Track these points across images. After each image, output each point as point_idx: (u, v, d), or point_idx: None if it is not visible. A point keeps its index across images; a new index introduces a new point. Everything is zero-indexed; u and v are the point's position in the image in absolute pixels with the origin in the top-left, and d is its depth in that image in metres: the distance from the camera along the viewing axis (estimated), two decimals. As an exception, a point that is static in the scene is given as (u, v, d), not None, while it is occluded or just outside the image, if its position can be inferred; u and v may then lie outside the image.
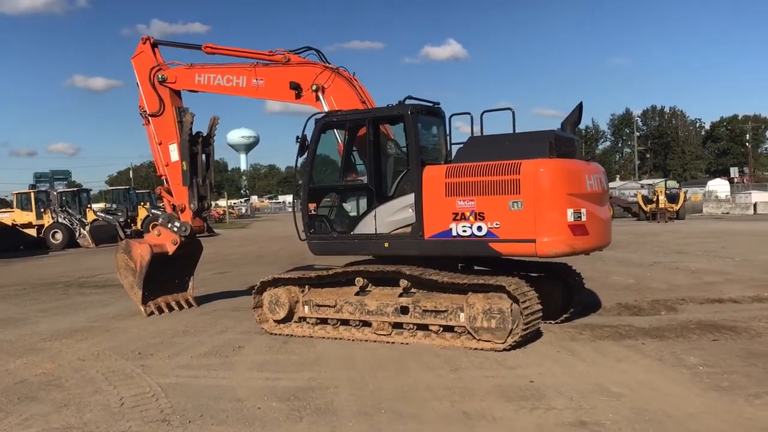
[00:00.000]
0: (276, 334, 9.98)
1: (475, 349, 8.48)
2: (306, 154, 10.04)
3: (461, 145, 9.59)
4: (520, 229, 8.46)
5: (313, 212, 10.19)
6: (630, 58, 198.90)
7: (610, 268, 16.55)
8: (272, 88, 11.37)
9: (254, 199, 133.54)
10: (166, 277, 12.73)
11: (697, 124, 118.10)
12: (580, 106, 9.75)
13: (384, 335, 9.26)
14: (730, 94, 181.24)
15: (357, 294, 9.62)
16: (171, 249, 12.40)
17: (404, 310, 9.09)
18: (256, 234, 44.25)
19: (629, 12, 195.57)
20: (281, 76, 11.17)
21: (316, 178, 10.39)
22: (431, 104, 10.10)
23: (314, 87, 10.67)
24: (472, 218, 8.75)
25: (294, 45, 11.54)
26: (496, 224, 8.58)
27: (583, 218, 8.52)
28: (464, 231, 8.81)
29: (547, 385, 6.94)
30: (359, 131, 9.96)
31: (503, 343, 8.38)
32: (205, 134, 12.74)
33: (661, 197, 39.33)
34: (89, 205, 39.68)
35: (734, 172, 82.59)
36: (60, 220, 35.27)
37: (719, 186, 66.92)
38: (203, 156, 12.77)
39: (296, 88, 10.85)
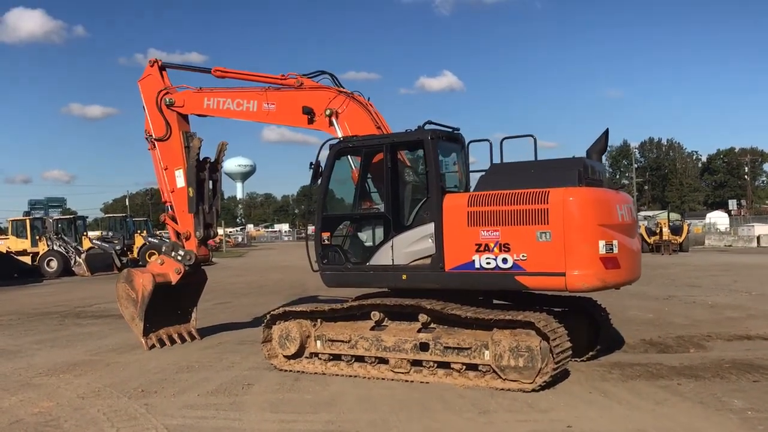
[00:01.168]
0: (286, 371, 9.45)
1: (501, 389, 7.96)
2: (320, 181, 9.62)
3: (482, 173, 9.19)
4: (548, 262, 7.99)
5: (326, 242, 9.70)
6: (624, 89, 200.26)
7: (624, 301, 16.02)
8: (284, 113, 10.99)
9: (250, 227, 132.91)
10: (168, 307, 12.21)
11: (694, 157, 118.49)
12: (606, 134, 9.34)
13: (402, 373, 8.74)
14: (725, 127, 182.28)
15: (373, 329, 9.12)
16: (174, 278, 11.92)
17: (424, 347, 8.58)
18: (253, 263, 43.68)
19: (622, 44, 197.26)
20: (294, 100, 10.81)
21: (330, 207, 9.97)
22: (451, 130, 9.72)
23: (328, 112, 10.32)
24: (496, 249, 8.28)
25: (292, 73, 11.06)
26: (523, 256, 8.12)
27: (615, 250, 8.06)
28: (488, 263, 8.33)
29: (585, 430, 6.43)
30: (376, 157, 9.54)
31: (531, 383, 7.87)
32: (212, 160, 12.34)
33: (665, 229, 38.97)
34: (85, 233, 39.05)
35: (733, 204, 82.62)
36: (55, 247, 34.72)
37: (719, 218, 66.69)
38: (210, 182, 12.33)
39: (309, 113, 10.49)
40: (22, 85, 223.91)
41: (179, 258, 11.94)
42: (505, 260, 8.22)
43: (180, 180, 12.02)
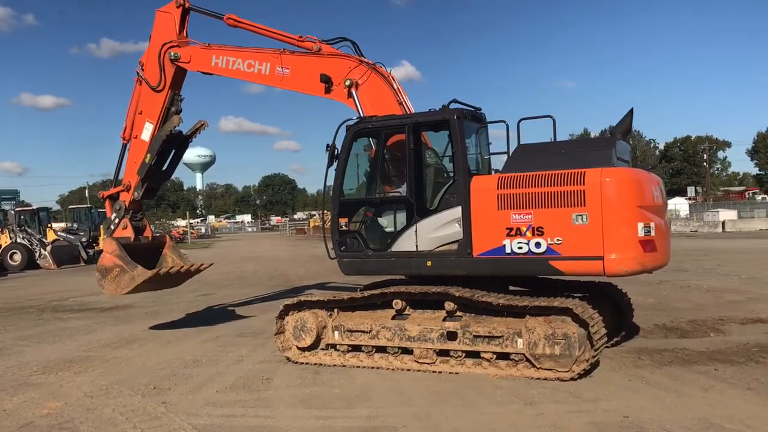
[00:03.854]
0: (302, 363, 9.02)
1: (536, 378, 7.67)
2: (336, 164, 9.14)
3: (507, 155, 8.86)
4: (585, 246, 7.67)
5: (344, 228, 9.21)
6: (577, 80, 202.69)
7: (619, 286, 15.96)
8: (299, 79, 10.45)
9: (211, 218, 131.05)
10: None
11: (652, 145, 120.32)
12: (630, 113, 9.07)
13: (428, 364, 8.38)
14: (682, 116, 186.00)
15: (394, 318, 8.74)
16: (129, 233, 12.03)
17: (452, 336, 8.24)
18: (223, 254, 42.80)
19: (577, 34, 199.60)
20: (311, 66, 10.24)
21: (348, 191, 9.45)
22: (474, 109, 9.33)
23: (348, 82, 9.80)
24: (529, 233, 7.94)
25: (311, 36, 10.56)
26: (558, 240, 7.80)
27: (653, 232, 7.78)
28: (520, 248, 7.99)
29: (645, 420, 6.16)
30: (396, 139, 9.12)
31: (568, 371, 7.59)
32: (185, 134, 12.21)
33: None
34: (49, 225, 37.76)
35: (691, 191, 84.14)
36: (18, 240, 33.46)
37: (680, 205, 67.86)
38: (173, 152, 12.43)
39: (327, 81, 9.96)
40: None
41: (115, 218, 12.10)
42: (538, 244, 7.89)
43: (146, 134, 11.86)
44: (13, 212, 36.56)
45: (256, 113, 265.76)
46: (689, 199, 78.79)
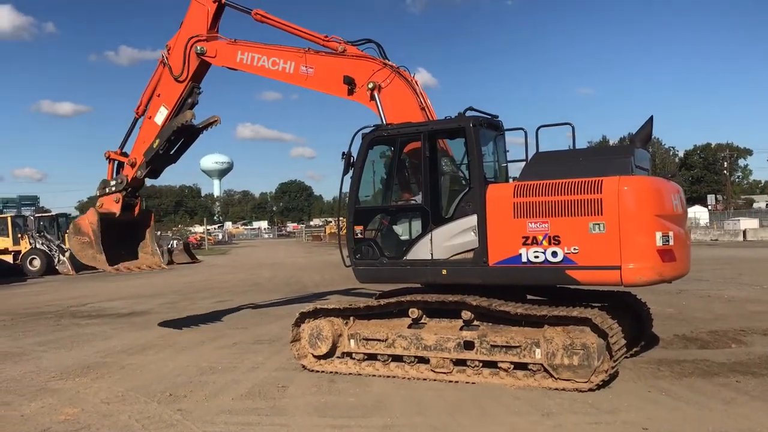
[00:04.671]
0: (317, 371, 8.98)
1: (554, 389, 7.58)
2: (352, 171, 9.13)
3: (524, 163, 8.79)
4: (602, 255, 7.57)
5: (360, 236, 9.21)
6: (595, 87, 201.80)
7: (638, 296, 15.79)
8: (323, 79, 10.45)
9: (228, 225, 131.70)
10: (122, 247, 12.46)
11: (671, 152, 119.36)
12: (650, 121, 8.96)
13: (444, 373, 8.32)
14: (701, 123, 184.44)
15: (410, 327, 8.69)
16: (116, 208, 12.19)
17: (469, 346, 8.17)
18: (239, 260, 43.01)
19: (594, 42, 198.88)
20: (335, 67, 10.26)
21: (364, 199, 9.44)
22: (490, 116, 9.29)
23: (371, 85, 9.77)
24: (545, 242, 7.86)
25: (336, 36, 10.61)
26: (574, 249, 7.71)
27: (671, 242, 7.64)
28: (536, 257, 7.91)
29: (665, 433, 6.07)
30: (412, 146, 9.09)
31: (587, 382, 7.50)
32: (197, 126, 12.27)
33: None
34: (68, 231, 38.05)
35: (711, 199, 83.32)
36: (38, 246, 33.73)
37: (700, 213, 67.16)
38: (181, 141, 12.55)
39: (350, 83, 9.95)
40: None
41: (113, 189, 12.21)
42: (554, 254, 7.81)
43: (160, 117, 12.09)
44: (32, 218, 36.92)
45: (272, 120, 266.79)
46: (707, 207, 77.96)
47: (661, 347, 9.90)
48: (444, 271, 8.61)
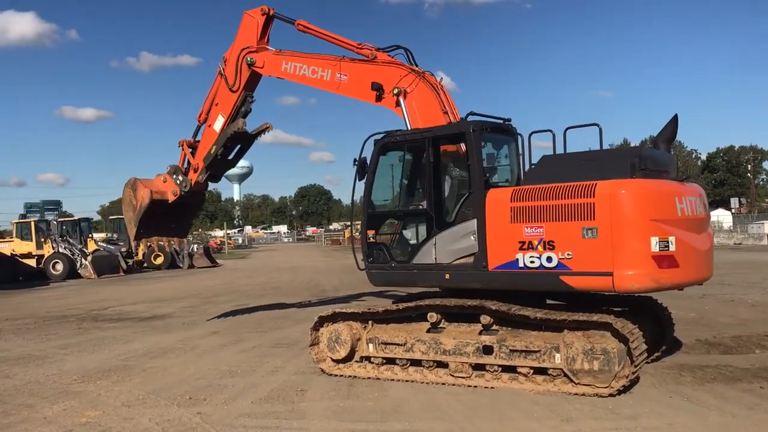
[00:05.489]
0: (336, 375, 9.00)
1: (574, 394, 7.52)
2: (366, 177, 9.25)
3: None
4: (595, 260, 7.45)
5: (372, 240, 9.37)
6: (615, 90, 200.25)
7: (660, 300, 15.63)
8: (354, 86, 10.69)
9: (248, 229, 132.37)
10: (165, 221, 13.88)
11: (694, 155, 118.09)
12: (674, 120, 8.79)
13: (463, 377, 8.29)
14: (723, 125, 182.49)
15: (429, 331, 8.68)
16: (171, 198, 13.43)
17: (488, 350, 8.14)
18: (259, 264, 43.21)
19: (612, 44, 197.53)
20: (365, 73, 10.45)
21: (376, 204, 9.57)
22: (501, 120, 9.29)
23: (396, 90, 9.86)
24: (540, 247, 7.80)
25: (368, 44, 10.87)
26: (568, 254, 7.62)
27: (672, 247, 7.37)
28: (532, 262, 7.87)
29: (687, 439, 6.00)
30: (419, 152, 9.19)
31: (607, 387, 7.43)
32: (251, 133, 13.04)
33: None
34: (90, 235, 38.53)
35: (735, 202, 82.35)
36: (61, 250, 34.12)
37: (723, 216, 66.43)
38: (237, 147, 13.42)
39: (378, 89, 10.11)
40: (14, 88, 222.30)
41: (178, 182, 13.32)
42: (549, 259, 7.74)
43: (217, 125, 12.84)
44: (55, 222, 37.40)
45: (291, 125, 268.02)
46: (731, 210, 77.04)
47: (683, 352, 9.80)
48: (447, 276, 8.69)
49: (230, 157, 13.52)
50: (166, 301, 20.58)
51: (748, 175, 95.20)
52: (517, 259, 7.99)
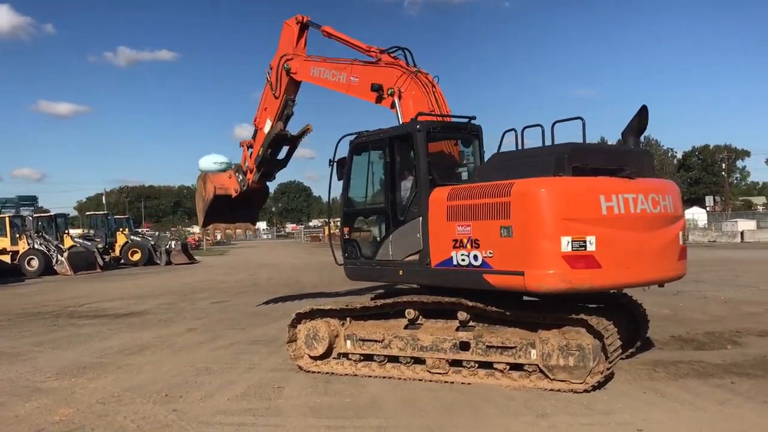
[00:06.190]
0: (314, 372, 8.99)
1: (550, 390, 7.58)
2: (340, 176, 9.72)
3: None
4: (510, 260, 7.45)
5: (347, 236, 9.78)
6: (594, 89, 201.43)
7: (635, 296, 15.80)
8: (362, 88, 11.10)
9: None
10: (233, 209, 15.25)
11: (670, 154, 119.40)
12: (640, 112, 8.58)
13: (440, 374, 8.33)
14: (699, 125, 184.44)
15: (407, 327, 8.70)
16: (233, 194, 14.76)
17: (464, 346, 8.18)
18: (238, 261, 43.02)
19: (591, 42, 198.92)
20: (370, 75, 10.86)
21: (352, 202, 9.89)
22: (467, 119, 9.54)
23: (390, 91, 10.22)
24: (469, 246, 7.88)
25: (374, 47, 11.28)
26: (490, 253, 7.66)
27: (591, 247, 7.19)
28: (463, 260, 7.96)
29: (659, 434, 6.08)
30: (381, 152, 9.44)
31: (582, 383, 7.50)
32: (293, 135, 14.00)
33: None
34: (66, 231, 38.09)
35: (709, 200, 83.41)
36: (36, 246, 33.69)
37: (698, 214, 67.26)
38: (286, 148, 14.50)
39: (378, 90, 10.47)
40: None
41: (239, 180, 14.62)
42: (476, 257, 7.81)
43: (266, 128, 13.83)
44: (31, 218, 36.94)
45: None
46: (705, 208, 78.04)
47: (657, 348, 9.92)
48: (401, 272, 8.91)
49: (280, 158, 14.55)
50: (143, 298, 20.44)
51: (723, 173, 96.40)
52: (452, 257, 8.08)
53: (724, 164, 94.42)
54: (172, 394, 8.23)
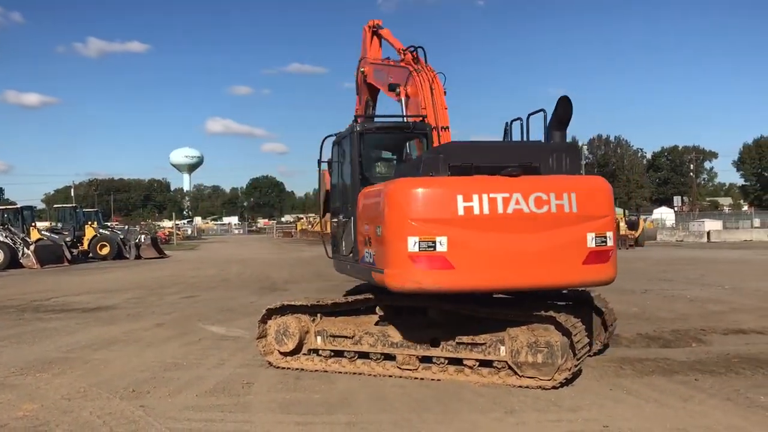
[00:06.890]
0: (284, 368, 8.96)
1: (518, 386, 7.65)
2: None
3: None
4: (378, 258, 7.80)
5: (334, 232, 10.35)
6: (565, 87, 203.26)
7: (603, 295, 16.00)
8: (385, 88, 11.38)
9: (198, 220, 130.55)
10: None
11: (639, 154, 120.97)
12: (562, 102, 8.26)
13: (410, 370, 8.35)
14: (668, 125, 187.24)
15: (377, 324, 8.72)
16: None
17: (435, 343, 8.22)
18: (208, 256, 42.68)
19: (563, 42, 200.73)
20: (391, 74, 11.19)
21: (333, 199, 10.44)
22: (421, 118, 9.75)
23: (397, 90, 10.61)
24: (367, 244, 8.23)
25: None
26: (374, 251, 7.97)
27: (442, 248, 7.12)
28: (366, 257, 8.28)
29: (624, 430, 6.17)
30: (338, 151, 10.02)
31: (550, 380, 7.58)
32: None
33: (622, 224, 39.57)
34: (33, 224, 37.45)
35: (677, 201, 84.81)
36: (1, 239, 33.04)
37: (666, 214, 68.32)
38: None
39: (393, 89, 10.85)
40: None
41: None
42: (369, 254, 8.12)
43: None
44: (-4, 210, 36.26)
45: (243, 115, 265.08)
46: (673, 208, 79.30)
47: (625, 346, 10.06)
48: (349, 266, 9.31)
49: None
50: (112, 293, 20.17)
51: (691, 174, 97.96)
52: (364, 255, 8.35)
53: (692, 165, 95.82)
54: (139, 389, 8.14)
